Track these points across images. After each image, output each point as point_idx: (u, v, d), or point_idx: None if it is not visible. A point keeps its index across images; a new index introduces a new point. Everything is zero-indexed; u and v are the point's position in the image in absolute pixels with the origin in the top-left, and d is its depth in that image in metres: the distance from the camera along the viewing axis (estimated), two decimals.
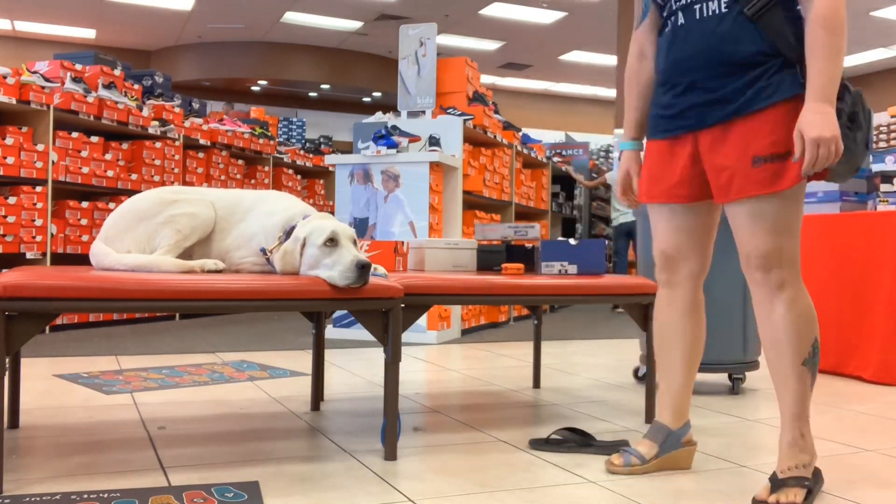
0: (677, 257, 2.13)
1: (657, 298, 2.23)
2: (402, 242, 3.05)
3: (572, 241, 2.88)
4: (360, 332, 5.16)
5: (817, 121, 1.76)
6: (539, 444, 2.40)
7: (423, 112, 5.92)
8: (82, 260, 5.54)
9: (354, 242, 2.23)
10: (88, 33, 14.40)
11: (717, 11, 1.90)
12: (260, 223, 2.36)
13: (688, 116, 1.98)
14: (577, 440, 2.40)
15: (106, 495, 1.84)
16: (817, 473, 1.97)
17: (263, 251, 2.29)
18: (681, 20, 1.97)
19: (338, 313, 5.38)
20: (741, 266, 1.99)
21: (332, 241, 2.17)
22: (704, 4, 1.92)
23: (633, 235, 7.71)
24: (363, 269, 2.12)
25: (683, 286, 2.16)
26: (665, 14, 2.03)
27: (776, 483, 1.90)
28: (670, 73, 2.01)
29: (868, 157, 1.91)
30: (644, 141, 2.21)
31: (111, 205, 5.88)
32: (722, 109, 1.91)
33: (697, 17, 1.94)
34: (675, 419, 2.18)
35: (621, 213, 8.04)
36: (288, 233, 2.26)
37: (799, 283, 1.94)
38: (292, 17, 13.37)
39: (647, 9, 2.13)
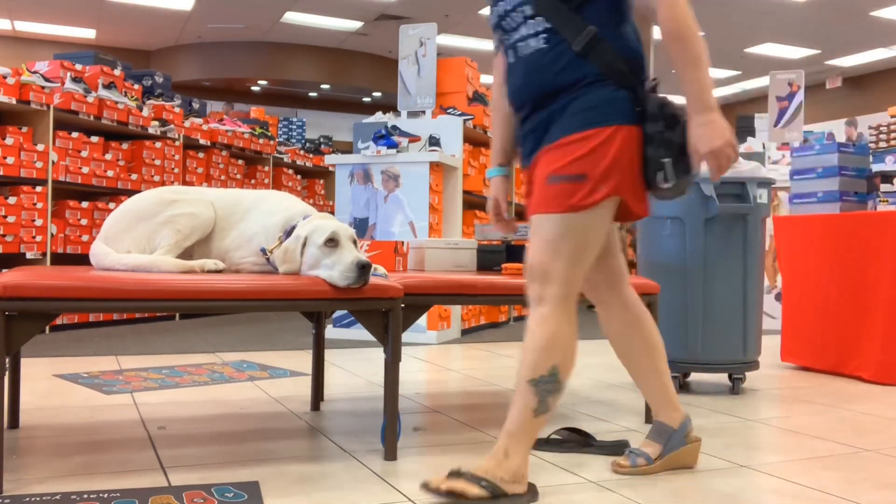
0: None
1: (598, 319, 2.22)
2: (402, 242, 3.05)
3: None
4: (360, 332, 5.16)
5: (705, 133, 1.77)
6: (539, 444, 2.39)
7: (423, 112, 5.92)
8: (82, 260, 5.54)
9: (355, 242, 2.23)
10: (88, 33, 14.40)
11: (537, 47, 1.91)
12: (260, 223, 2.36)
13: (527, 142, 2.02)
14: (577, 440, 2.40)
15: (106, 495, 1.84)
16: (522, 494, 1.87)
17: (263, 251, 2.29)
18: (511, 58, 2.01)
19: (338, 313, 5.38)
20: None
21: (332, 241, 2.18)
22: (526, 42, 1.93)
23: None
24: (363, 269, 2.12)
25: (607, 302, 2.16)
26: (504, 49, 2.05)
27: (454, 473, 1.86)
28: (511, 104, 2.06)
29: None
30: (509, 167, 2.27)
31: (111, 205, 5.87)
32: (545, 134, 1.92)
33: (520, 54, 1.96)
34: (670, 414, 2.18)
35: None
36: (288, 232, 2.26)
37: (561, 306, 1.88)
38: (292, 17, 13.37)
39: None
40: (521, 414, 1.88)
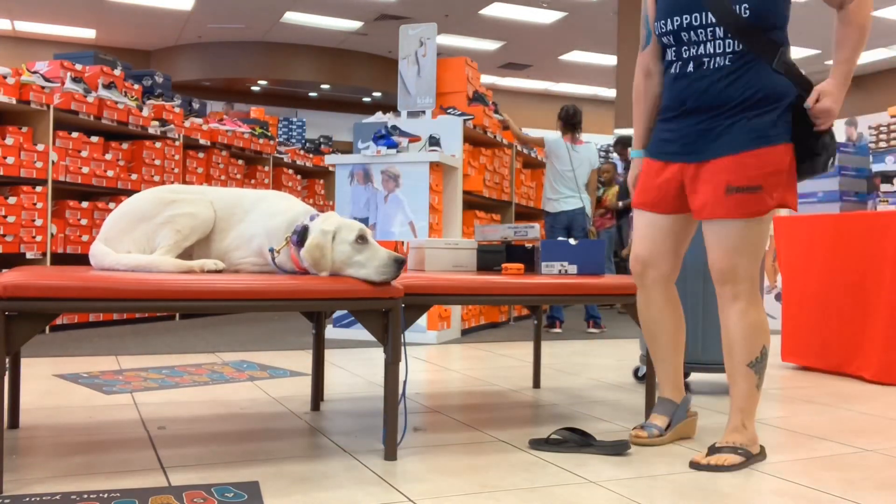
0: (649, 262, 2.41)
1: (637, 299, 2.51)
2: (402, 242, 3.05)
3: (572, 241, 2.88)
4: (360, 332, 5.16)
5: (837, 97, 2.12)
6: (539, 444, 2.40)
7: (423, 112, 5.92)
8: (82, 260, 5.54)
9: (374, 239, 2.27)
10: (88, 33, 14.40)
11: (722, 65, 2.18)
12: (261, 223, 2.36)
13: (681, 145, 2.28)
14: (577, 440, 2.40)
15: (106, 495, 1.84)
16: (760, 452, 2.27)
17: (272, 251, 2.29)
18: (689, 67, 2.24)
19: (338, 313, 5.38)
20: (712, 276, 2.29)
21: (362, 238, 2.20)
22: (713, 59, 2.19)
23: (574, 229, 6.08)
24: (400, 264, 2.18)
25: (656, 288, 2.44)
26: (671, 57, 2.30)
27: (712, 450, 2.23)
28: (673, 107, 2.30)
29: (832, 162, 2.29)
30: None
31: (111, 205, 5.87)
32: (712, 145, 2.21)
33: (706, 68, 2.21)
34: (675, 393, 2.51)
35: (562, 200, 6.15)
36: (298, 232, 2.24)
37: (753, 297, 2.24)
38: (292, 17, 13.37)
39: (650, 36, 2.40)
40: (747, 392, 2.26)
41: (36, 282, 1.87)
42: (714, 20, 2.16)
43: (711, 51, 2.19)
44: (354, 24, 13.72)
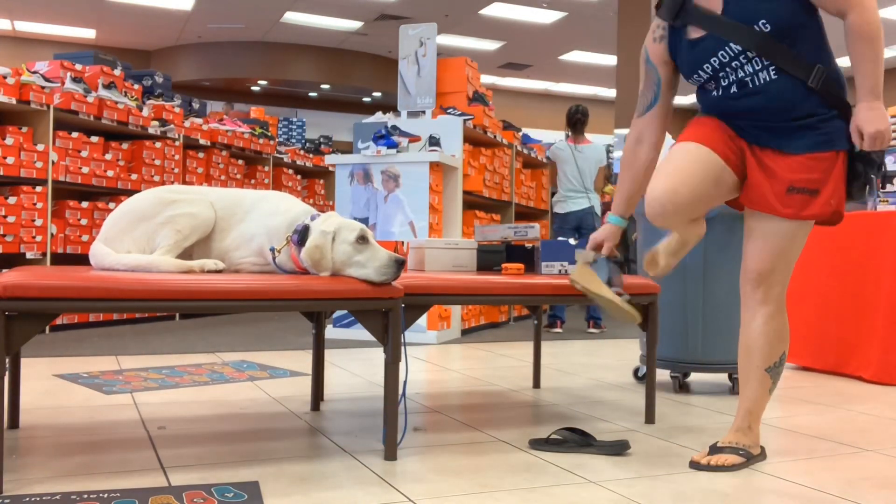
0: (674, 192, 2.12)
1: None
2: (402, 242, 3.05)
3: (571, 241, 2.88)
4: (360, 332, 5.16)
5: (871, 117, 2.02)
6: (539, 444, 2.40)
7: (423, 112, 5.92)
8: (82, 260, 5.54)
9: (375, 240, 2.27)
10: (88, 33, 14.40)
11: (769, 78, 2.10)
12: (262, 223, 2.36)
13: (746, 132, 2.18)
14: (577, 440, 2.39)
15: (106, 495, 1.84)
16: (760, 453, 2.25)
17: (273, 251, 2.29)
18: (734, 89, 2.15)
19: (338, 313, 5.38)
20: (741, 275, 2.25)
21: (363, 239, 2.20)
22: (755, 76, 2.11)
23: (584, 229, 6.06)
24: (400, 265, 2.17)
25: (677, 216, 2.17)
26: (709, 87, 2.20)
27: (714, 450, 2.23)
28: (725, 117, 2.20)
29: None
30: (625, 221, 2.46)
31: (111, 205, 5.87)
32: (779, 139, 2.13)
33: (752, 86, 2.12)
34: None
35: (570, 200, 6.20)
36: (299, 232, 2.25)
37: (781, 303, 2.23)
38: (292, 17, 13.37)
39: (656, 101, 2.31)
40: (759, 395, 2.26)
41: (36, 282, 1.87)
42: (740, 48, 2.09)
43: (751, 70, 2.11)
44: (354, 24, 13.72)
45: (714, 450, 2.23)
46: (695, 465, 2.19)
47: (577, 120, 6.24)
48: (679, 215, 2.16)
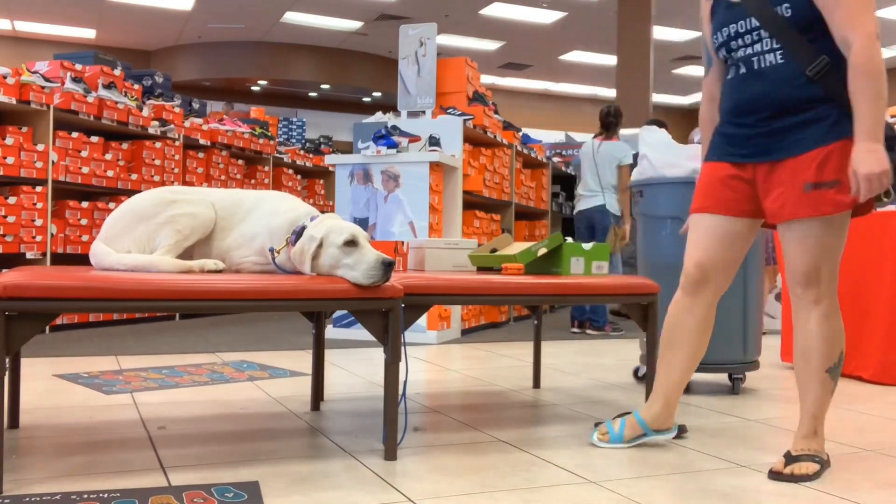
0: (710, 269, 2.31)
1: (676, 301, 2.39)
2: (402, 242, 3.05)
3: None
4: (360, 332, 5.16)
5: (868, 159, 1.98)
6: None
7: (423, 112, 5.92)
8: (82, 260, 5.54)
9: (368, 242, 2.25)
10: (88, 33, 14.40)
11: (774, 62, 2.14)
12: (263, 223, 2.36)
13: (749, 147, 2.21)
14: None
15: (106, 495, 1.84)
16: (828, 457, 2.21)
17: (272, 251, 2.29)
18: (742, 69, 2.21)
19: (338, 313, 5.38)
20: (786, 279, 2.22)
21: (352, 242, 2.19)
22: (762, 57, 2.16)
23: (596, 227, 6.09)
24: (388, 266, 2.16)
25: (707, 296, 2.35)
26: (728, 65, 2.28)
27: (790, 458, 2.16)
28: (734, 112, 2.25)
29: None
30: None
31: (111, 205, 5.88)
32: (781, 144, 2.14)
33: (756, 67, 2.17)
34: (663, 415, 2.42)
35: (582, 199, 6.29)
36: (297, 233, 2.26)
37: (834, 301, 2.17)
38: (292, 17, 13.38)
39: (712, 60, 2.40)
40: (822, 397, 2.21)
41: (36, 282, 1.87)
42: (758, 24, 2.14)
43: (759, 49, 2.15)
44: (354, 24, 13.73)
45: (790, 459, 2.16)
46: (776, 476, 2.12)
47: (608, 122, 6.22)
48: (714, 281, 2.33)
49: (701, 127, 2.50)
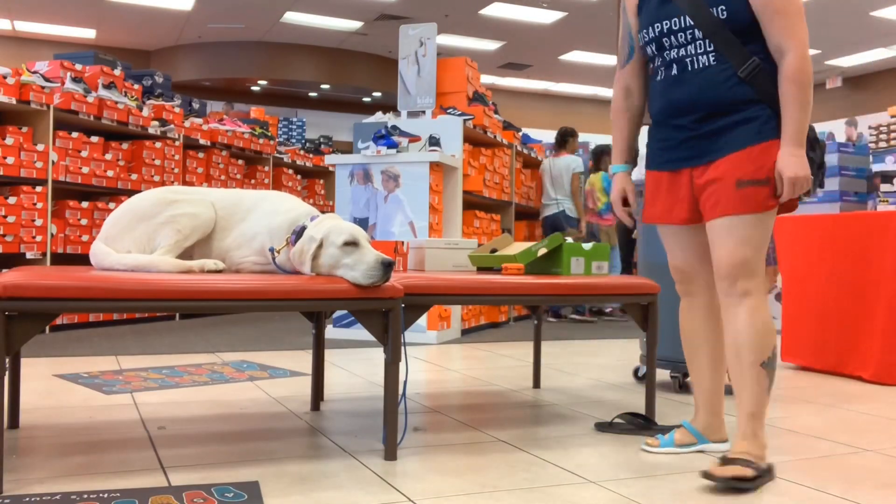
0: (690, 271, 2.38)
1: (680, 307, 2.44)
2: (402, 242, 3.05)
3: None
4: (360, 332, 5.16)
5: (792, 163, 2.08)
6: (603, 427, 2.65)
7: (423, 112, 5.92)
8: (82, 260, 5.55)
9: (367, 242, 2.26)
10: (88, 33, 14.39)
11: (707, 64, 2.17)
12: (263, 223, 2.36)
13: (684, 150, 2.25)
14: (639, 424, 2.62)
15: (106, 495, 1.84)
16: (769, 467, 2.10)
17: (272, 251, 2.29)
18: (674, 70, 2.24)
19: (338, 313, 5.38)
20: (715, 276, 2.23)
21: (352, 243, 2.20)
22: (695, 59, 2.19)
23: (558, 230, 6.85)
24: (388, 266, 2.16)
25: (701, 294, 2.39)
26: (657, 64, 2.30)
27: (726, 461, 2.08)
28: (667, 115, 2.28)
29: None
30: (630, 165, 2.51)
31: (111, 205, 5.88)
32: (714, 146, 2.18)
33: (690, 69, 2.20)
34: (710, 427, 2.41)
35: (545, 208, 7.35)
36: (297, 233, 2.26)
37: (761, 295, 2.19)
38: (292, 17, 13.37)
39: (633, 53, 2.42)
40: (758, 395, 2.16)
41: (36, 282, 1.87)
42: (692, 23, 2.16)
43: (693, 51, 2.18)
44: (354, 24, 13.72)
45: (725, 461, 2.08)
46: (708, 476, 2.05)
47: (562, 140, 7.38)
48: (698, 278, 2.37)
49: (613, 119, 2.50)
